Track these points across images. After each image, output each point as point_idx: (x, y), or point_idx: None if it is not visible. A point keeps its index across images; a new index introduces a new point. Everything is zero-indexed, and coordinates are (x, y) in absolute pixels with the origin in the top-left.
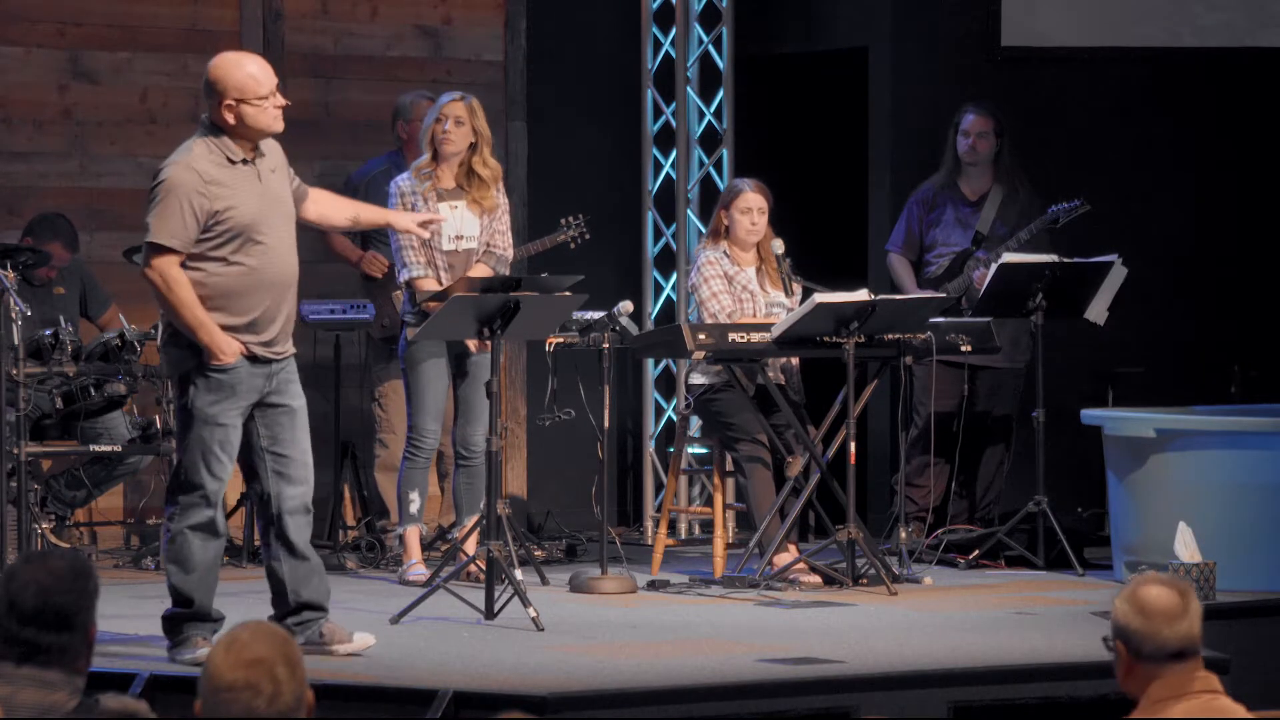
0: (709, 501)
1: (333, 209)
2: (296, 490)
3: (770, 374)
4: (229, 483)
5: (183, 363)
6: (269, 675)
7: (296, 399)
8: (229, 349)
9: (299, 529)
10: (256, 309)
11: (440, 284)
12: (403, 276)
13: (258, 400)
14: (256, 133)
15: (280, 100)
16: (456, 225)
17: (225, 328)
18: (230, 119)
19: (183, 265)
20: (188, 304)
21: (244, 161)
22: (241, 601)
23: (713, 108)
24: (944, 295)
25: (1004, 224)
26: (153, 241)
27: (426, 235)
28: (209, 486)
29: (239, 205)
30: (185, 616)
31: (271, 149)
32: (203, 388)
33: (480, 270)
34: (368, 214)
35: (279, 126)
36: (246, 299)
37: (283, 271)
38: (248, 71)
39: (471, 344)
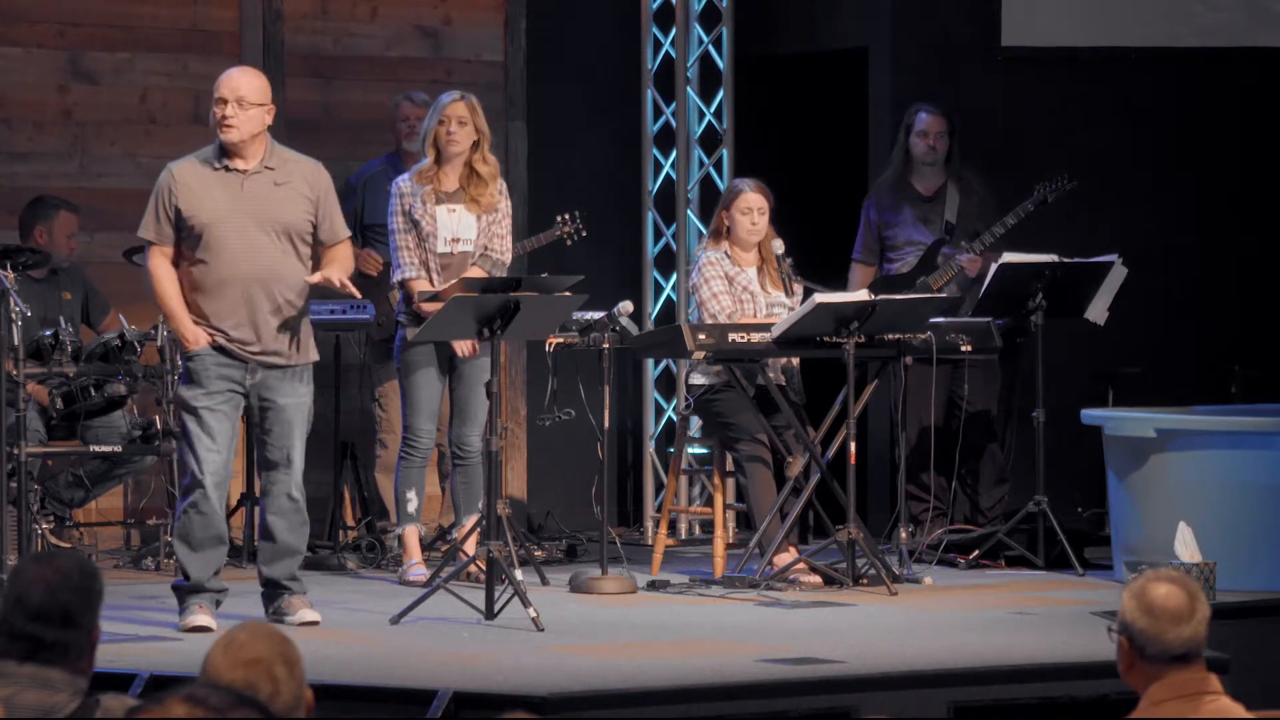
0: (709, 501)
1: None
2: (275, 475)
3: (770, 375)
4: (230, 481)
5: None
6: (267, 675)
7: (282, 396)
8: (193, 338)
9: (275, 512)
10: (218, 304)
11: (433, 286)
12: (396, 276)
13: (244, 393)
14: (218, 136)
15: (228, 111)
16: (453, 228)
17: (195, 317)
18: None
19: (174, 262)
20: (162, 295)
21: (225, 168)
22: (242, 601)
23: (713, 108)
24: (945, 295)
25: (965, 216)
26: (139, 235)
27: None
28: (196, 469)
29: (201, 206)
30: (188, 589)
31: (295, 169)
32: (182, 377)
33: (475, 274)
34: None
35: (223, 135)
36: (208, 294)
37: (246, 272)
38: (220, 78)
39: (459, 347)
